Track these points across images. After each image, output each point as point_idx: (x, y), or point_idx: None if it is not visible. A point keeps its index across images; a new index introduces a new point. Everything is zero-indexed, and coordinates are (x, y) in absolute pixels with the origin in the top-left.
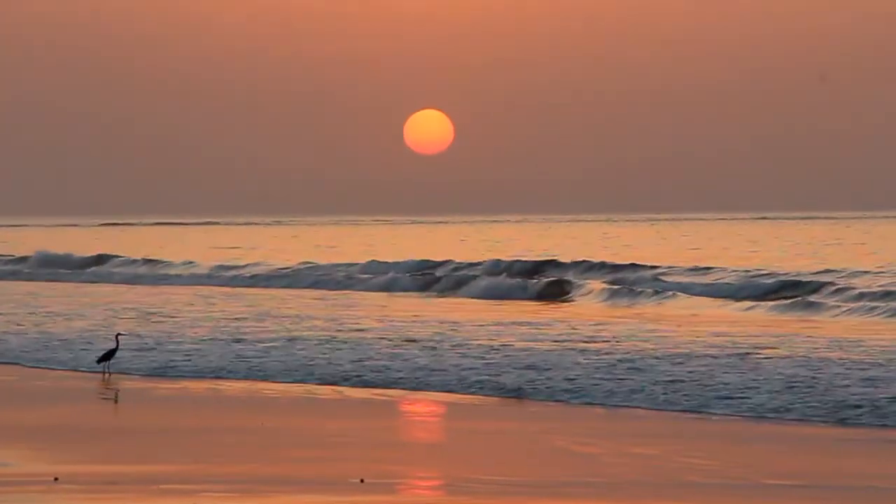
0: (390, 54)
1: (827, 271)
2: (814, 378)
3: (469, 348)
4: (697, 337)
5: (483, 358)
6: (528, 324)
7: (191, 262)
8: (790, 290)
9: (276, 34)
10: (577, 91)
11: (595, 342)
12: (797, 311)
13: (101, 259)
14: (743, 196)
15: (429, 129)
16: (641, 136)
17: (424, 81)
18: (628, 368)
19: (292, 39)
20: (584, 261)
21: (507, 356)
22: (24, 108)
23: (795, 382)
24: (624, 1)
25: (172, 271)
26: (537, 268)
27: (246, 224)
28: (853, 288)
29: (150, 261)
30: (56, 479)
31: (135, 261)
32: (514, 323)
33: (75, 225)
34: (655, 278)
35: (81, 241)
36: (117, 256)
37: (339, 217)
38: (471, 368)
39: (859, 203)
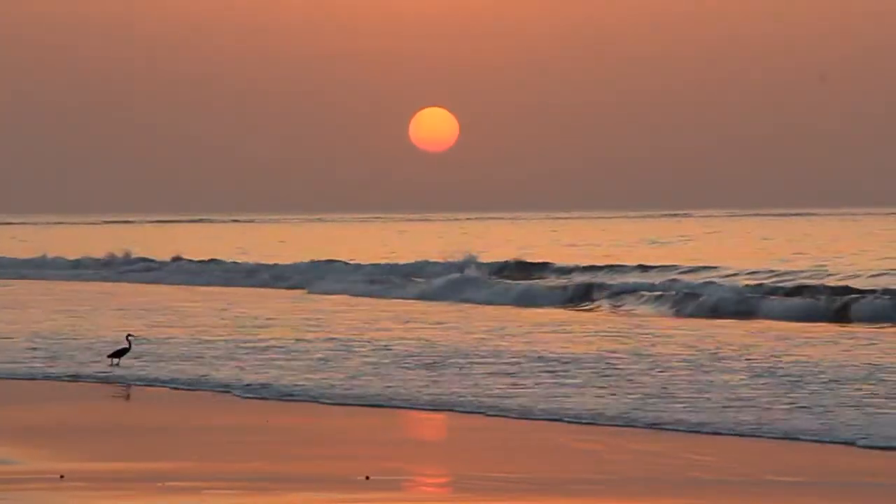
0: (395, 52)
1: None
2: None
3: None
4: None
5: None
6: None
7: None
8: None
9: (278, 33)
10: (582, 89)
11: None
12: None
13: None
14: (742, 195)
15: (434, 126)
16: (644, 135)
17: (429, 79)
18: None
19: (294, 38)
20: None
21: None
22: (24, 109)
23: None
24: (625, 1)
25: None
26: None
27: (247, 222)
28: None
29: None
30: (62, 476)
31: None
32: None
33: (75, 223)
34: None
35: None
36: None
37: (341, 216)
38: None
39: (859, 202)
